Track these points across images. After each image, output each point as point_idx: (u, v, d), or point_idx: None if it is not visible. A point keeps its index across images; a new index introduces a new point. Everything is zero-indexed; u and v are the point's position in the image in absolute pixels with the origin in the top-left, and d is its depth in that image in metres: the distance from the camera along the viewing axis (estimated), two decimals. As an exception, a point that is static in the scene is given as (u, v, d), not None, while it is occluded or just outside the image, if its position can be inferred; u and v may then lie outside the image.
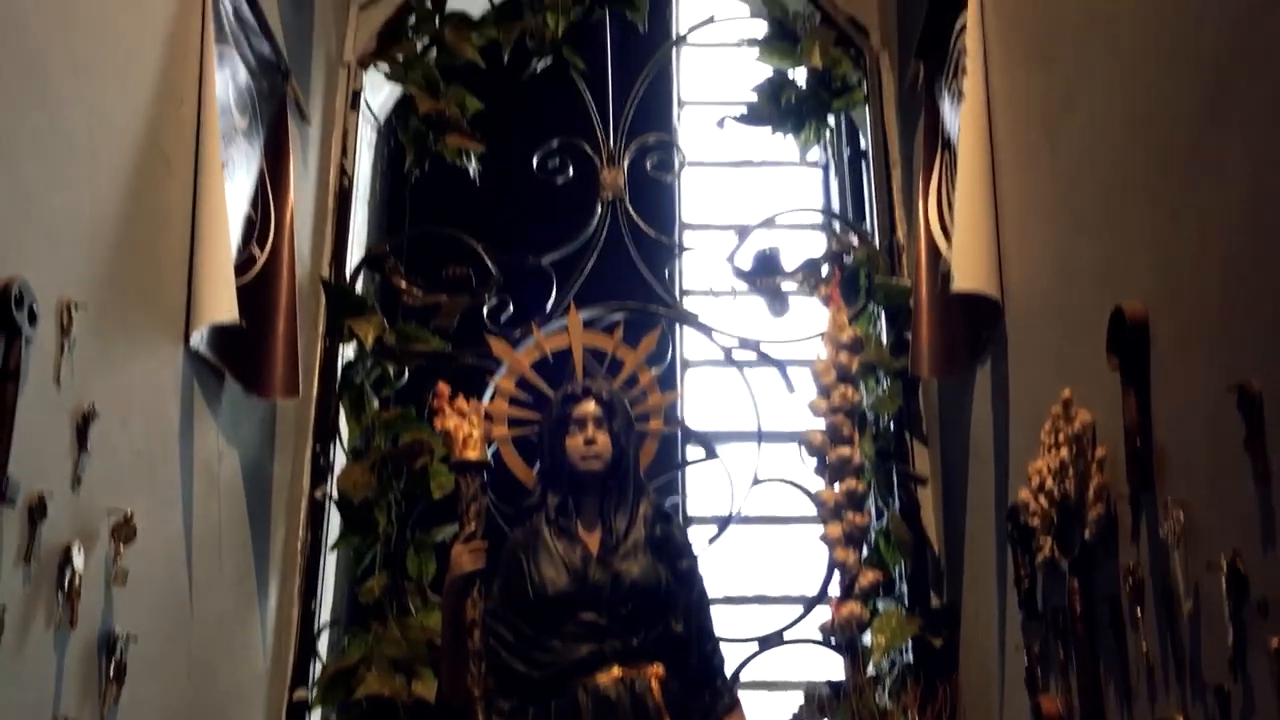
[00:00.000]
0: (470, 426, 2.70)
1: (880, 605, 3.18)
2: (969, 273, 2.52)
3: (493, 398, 3.12)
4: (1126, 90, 1.90)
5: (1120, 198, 1.92)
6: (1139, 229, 1.85)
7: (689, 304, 4.00)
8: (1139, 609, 1.81)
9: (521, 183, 3.82)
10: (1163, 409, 1.77)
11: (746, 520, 3.55)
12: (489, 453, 2.91)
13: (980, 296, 2.55)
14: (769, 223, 3.77)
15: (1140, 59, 1.85)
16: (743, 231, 3.68)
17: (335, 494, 3.34)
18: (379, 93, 3.98)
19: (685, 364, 4.07)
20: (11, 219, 1.90)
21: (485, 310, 3.55)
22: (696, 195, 4.41)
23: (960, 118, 2.63)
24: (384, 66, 3.82)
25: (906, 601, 3.24)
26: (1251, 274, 1.51)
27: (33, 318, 1.91)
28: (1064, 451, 2.04)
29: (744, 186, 4.50)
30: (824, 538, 3.20)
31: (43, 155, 2.00)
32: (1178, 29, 1.72)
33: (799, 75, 3.87)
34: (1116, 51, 1.94)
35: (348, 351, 3.53)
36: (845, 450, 3.20)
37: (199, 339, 2.59)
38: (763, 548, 3.91)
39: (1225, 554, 1.51)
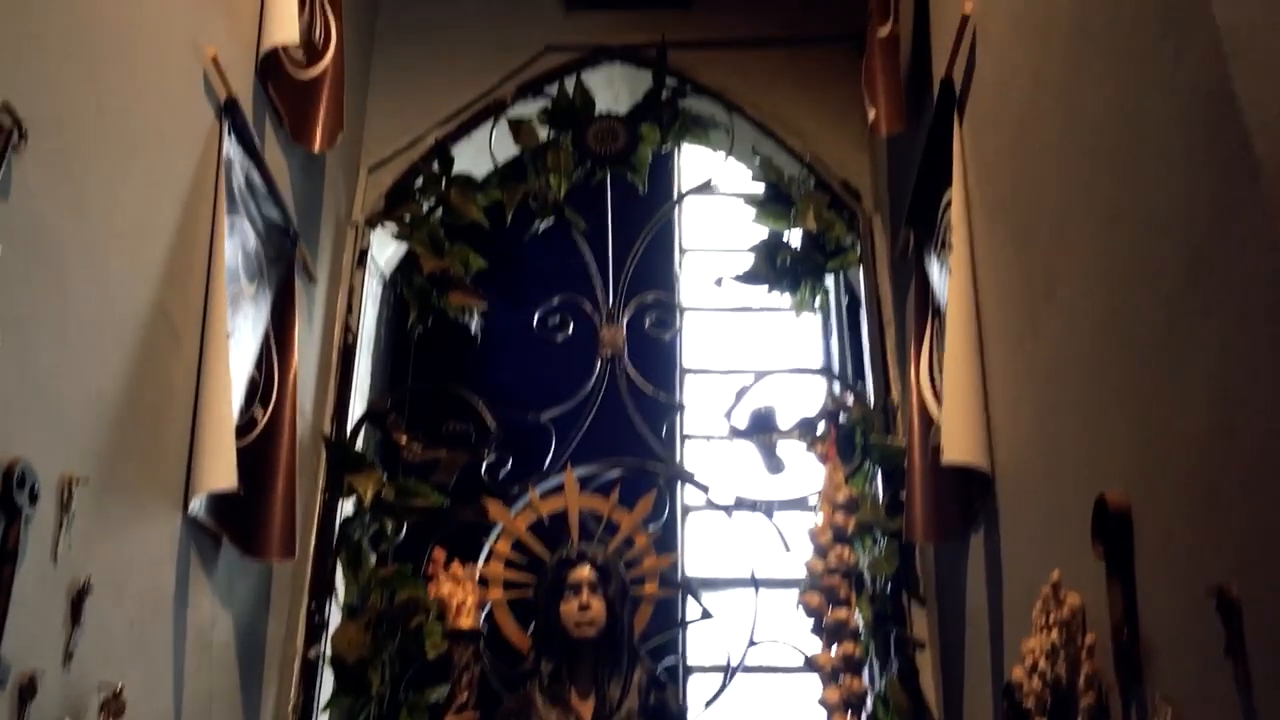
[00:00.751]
0: (465, 594, 2.72)
1: (881, 774, 3.13)
2: (958, 445, 2.55)
3: (488, 560, 3.13)
4: (1100, 283, 1.96)
5: (1099, 387, 1.96)
6: (1118, 419, 1.88)
7: (689, 448, 4.05)
8: (1134, 805, 1.79)
9: (522, 338, 3.90)
10: (1148, 601, 1.77)
11: (748, 669, 3.51)
12: (483, 617, 2.91)
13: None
14: (765, 378, 3.82)
15: (1113, 253, 1.91)
16: (740, 391, 3.72)
17: (329, 653, 3.32)
18: (385, 248, 4.09)
19: (686, 509, 4.09)
20: (19, 398, 1.95)
21: (484, 466, 3.59)
22: (698, 338, 4.49)
23: (948, 292, 2.69)
24: (391, 226, 3.94)
25: (907, 771, 3.18)
26: (1223, 475, 1.54)
27: (34, 497, 1.94)
28: (1055, 634, 2.04)
29: (745, 331, 4.59)
30: (822, 702, 3.16)
31: (53, 334, 2.07)
32: (1147, 227, 1.78)
33: (795, 236, 3.97)
34: (1090, 244, 2.00)
35: (347, 506, 3.55)
36: (842, 613, 3.19)
37: (197, 506, 2.61)
38: (764, 697, 3.86)
39: (1214, 757, 1.50)
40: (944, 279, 2.88)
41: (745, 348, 4.49)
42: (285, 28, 3.10)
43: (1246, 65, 1.46)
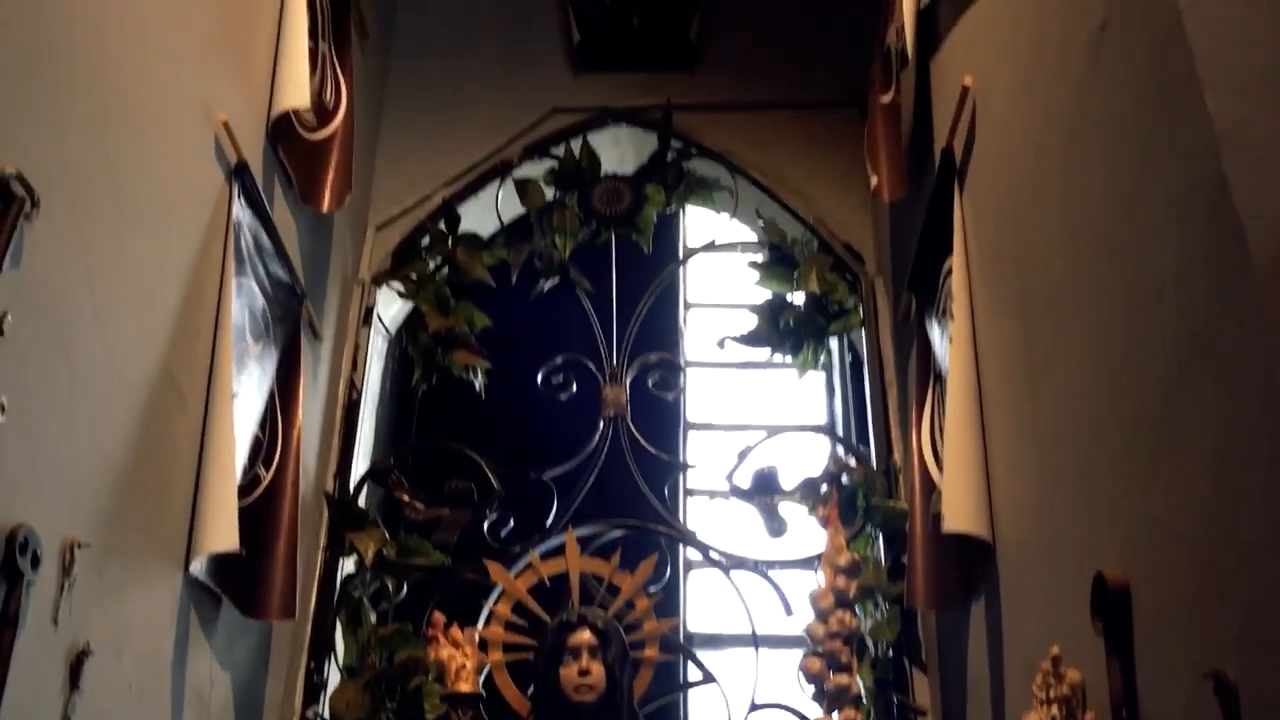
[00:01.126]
0: (464, 657, 2.72)
1: (882, 844, 3.09)
2: (959, 513, 2.55)
3: (488, 622, 3.12)
4: (1098, 358, 1.97)
5: (1098, 461, 1.97)
6: (1116, 496, 1.89)
7: (692, 504, 4.05)
8: None
9: (526, 395, 3.91)
10: (1147, 681, 1.77)
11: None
12: (482, 680, 2.90)
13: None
14: (769, 436, 3.82)
15: (1111, 329, 1.93)
16: (743, 451, 3.73)
17: (327, 714, 3.30)
18: (391, 305, 4.12)
19: (689, 564, 4.07)
20: (24, 464, 1.96)
21: (486, 525, 3.58)
22: (703, 392, 4.50)
23: (949, 360, 2.71)
24: (397, 285, 3.97)
25: (908, 840, 3.14)
26: (1220, 557, 1.54)
27: (35, 562, 1.95)
28: (1055, 710, 2.03)
29: (750, 384, 4.60)
30: (824, 768, 3.14)
31: (59, 399, 2.08)
32: (1145, 306, 1.79)
33: (798, 297, 3.99)
34: (1088, 319, 2.02)
35: (348, 564, 3.55)
36: (844, 678, 3.17)
37: (198, 567, 2.62)
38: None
39: (1216, 844, 1.49)
40: (945, 345, 2.90)
41: (750, 402, 4.51)
42: (297, 92, 3.14)
43: (1239, 156, 1.49)
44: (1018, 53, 2.44)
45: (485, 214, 4.16)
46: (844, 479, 3.60)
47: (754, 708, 3.40)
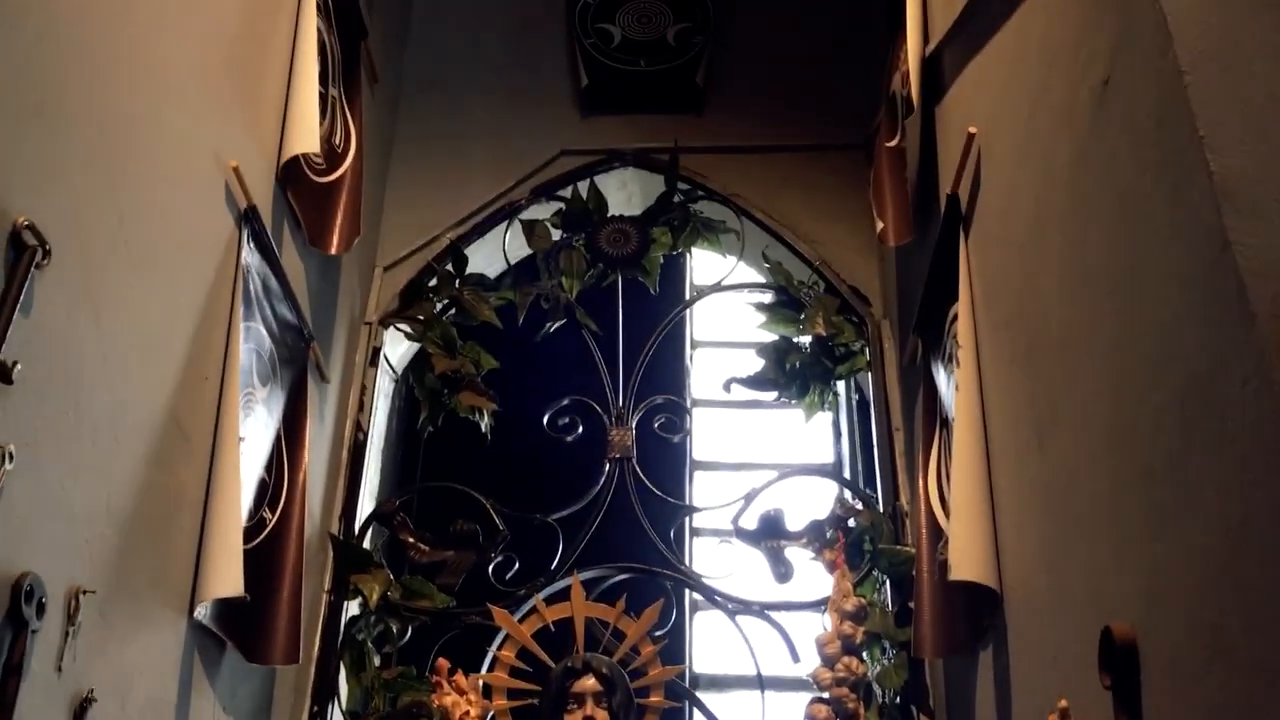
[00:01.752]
0: (467, 704, 2.70)
1: None
2: (966, 561, 2.54)
3: (492, 667, 3.11)
4: (1103, 408, 1.97)
5: (1105, 515, 1.96)
6: (1123, 548, 1.88)
7: (698, 544, 4.04)
8: None
9: (532, 438, 3.91)
10: (1156, 738, 1.75)
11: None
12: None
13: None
14: (777, 479, 3.81)
15: (1115, 380, 1.93)
16: (749, 494, 3.72)
17: (330, 759, 3.29)
18: (398, 345, 4.13)
19: (695, 606, 4.05)
20: (31, 513, 1.96)
21: (491, 568, 3.58)
22: (710, 430, 4.49)
23: (955, 408, 2.70)
24: (404, 326, 3.98)
25: None
26: (1227, 612, 1.53)
27: (41, 610, 1.95)
28: (1063, 763, 2.01)
29: (757, 424, 4.59)
30: (830, 817, 3.11)
31: (67, 449, 2.08)
32: (1148, 358, 1.79)
33: (804, 338, 3.99)
34: (1092, 369, 2.02)
35: (352, 607, 3.54)
36: (850, 727, 3.14)
37: (203, 612, 2.61)
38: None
39: None
40: (951, 390, 2.90)
41: (756, 442, 4.50)
42: (306, 137, 3.17)
43: (1239, 214, 1.49)
44: (1022, 103, 2.45)
45: (492, 255, 4.19)
46: (851, 522, 3.58)
47: (760, 757, 3.37)
